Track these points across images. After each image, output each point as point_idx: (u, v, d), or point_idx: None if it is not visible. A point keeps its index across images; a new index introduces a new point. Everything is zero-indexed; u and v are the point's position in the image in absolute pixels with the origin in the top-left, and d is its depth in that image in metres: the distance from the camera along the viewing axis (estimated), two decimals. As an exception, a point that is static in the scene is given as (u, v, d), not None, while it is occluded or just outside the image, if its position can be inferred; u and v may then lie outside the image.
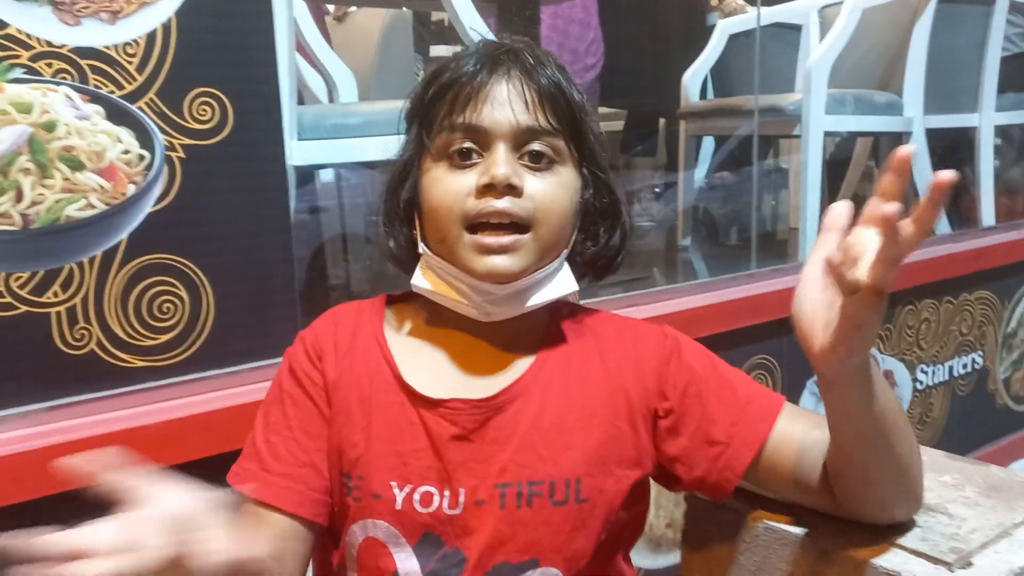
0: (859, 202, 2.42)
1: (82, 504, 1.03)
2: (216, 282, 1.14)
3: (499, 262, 0.69)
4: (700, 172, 2.77)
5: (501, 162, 0.69)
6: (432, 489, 0.70)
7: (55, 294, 1.04)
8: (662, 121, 3.11)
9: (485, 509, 0.70)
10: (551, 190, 0.71)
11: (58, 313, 1.04)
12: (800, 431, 0.72)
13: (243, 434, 1.11)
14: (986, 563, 0.63)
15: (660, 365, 0.76)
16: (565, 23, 2.82)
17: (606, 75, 3.23)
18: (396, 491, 0.70)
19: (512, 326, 0.74)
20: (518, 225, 0.70)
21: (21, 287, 1.02)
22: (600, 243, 0.77)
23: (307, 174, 1.86)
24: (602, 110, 3.32)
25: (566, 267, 0.76)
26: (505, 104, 0.70)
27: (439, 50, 3.44)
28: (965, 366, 2.24)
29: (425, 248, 0.74)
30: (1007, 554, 0.64)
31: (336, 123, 1.43)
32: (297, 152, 1.24)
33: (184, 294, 1.12)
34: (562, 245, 0.74)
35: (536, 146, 0.71)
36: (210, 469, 1.09)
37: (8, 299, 1.01)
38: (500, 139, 0.70)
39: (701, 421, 0.74)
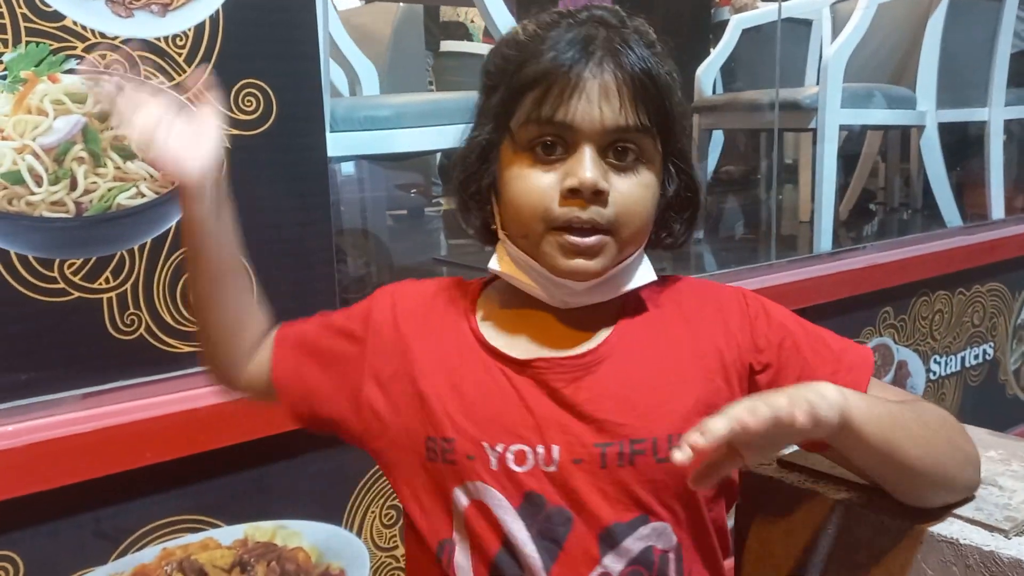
0: (867, 196, 2.45)
1: (133, 485, 1.06)
2: (259, 269, 1.16)
3: (582, 264, 0.69)
4: (710, 166, 2.80)
5: (588, 166, 0.67)
6: (525, 448, 0.70)
7: (107, 280, 1.06)
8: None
9: (585, 468, 0.70)
10: (634, 191, 0.70)
11: (109, 299, 1.07)
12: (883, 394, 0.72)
13: (284, 418, 1.14)
14: (1039, 531, 0.66)
15: (748, 322, 0.75)
16: None
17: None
18: (488, 451, 0.71)
19: (592, 305, 0.75)
20: (600, 227, 0.69)
21: (74, 273, 1.04)
22: (677, 233, 0.77)
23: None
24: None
25: (644, 258, 0.76)
26: (596, 102, 0.68)
27: (449, 45, 3.46)
28: (977, 357, 2.27)
29: (504, 238, 0.74)
30: (1057, 523, 0.67)
31: (368, 115, 1.45)
32: (330, 144, 1.26)
33: (229, 281, 1.14)
34: (641, 240, 0.73)
35: (625, 146, 0.69)
36: (254, 452, 1.13)
37: (62, 285, 1.04)
38: (588, 139, 0.68)
39: (802, 373, 0.73)
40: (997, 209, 2.46)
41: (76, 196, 1.03)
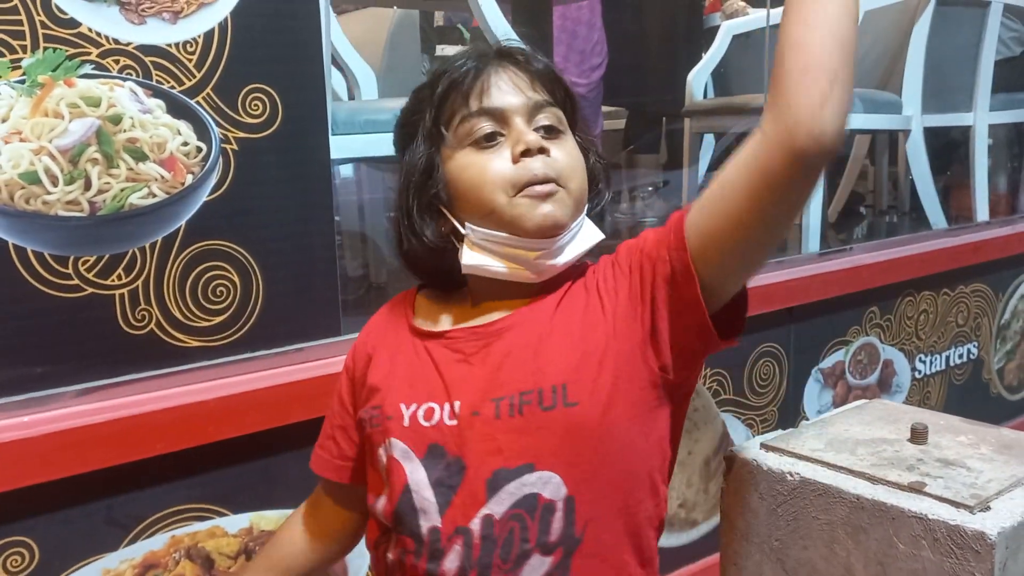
0: (855, 199, 2.50)
1: (144, 474, 1.10)
2: (265, 268, 1.21)
3: (550, 208, 0.78)
4: (701, 168, 2.84)
5: (527, 130, 0.79)
6: (434, 405, 0.80)
7: (119, 277, 1.10)
8: (664, 119, 3.18)
9: (481, 419, 0.78)
10: (570, 152, 0.81)
11: (121, 295, 1.11)
12: (704, 199, 0.75)
13: (289, 410, 1.19)
14: (1003, 507, 0.71)
15: (609, 263, 0.83)
16: (573, 24, 2.89)
17: (609, 74, 3.30)
18: (404, 409, 0.81)
19: (528, 288, 0.83)
20: (553, 178, 0.79)
21: (88, 270, 1.08)
22: (601, 199, 0.87)
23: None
24: (605, 108, 3.40)
25: (588, 220, 0.85)
26: (511, 88, 0.80)
27: (444, 49, 3.51)
28: (961, 356, 2.32)
29: (472, 228, 0.81)
30: (1021, 500, 0.72)
31: (368, 119, 1.49)
32: (332, 147, 1.30)
33: (236, 279, 1.19)
34: (583, 199, 0.83)
35: (546, 119, 0.81)
36: (260, 443, 1.17)
37: (76, 281, 1.08)
38: (516, 115, 0.80)
39: (650, 268, 0.78)
40: (982, 211, 2.51)
41: (90, 196, 1.07)
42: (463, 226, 0.81)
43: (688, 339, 0.78)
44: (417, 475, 0.78)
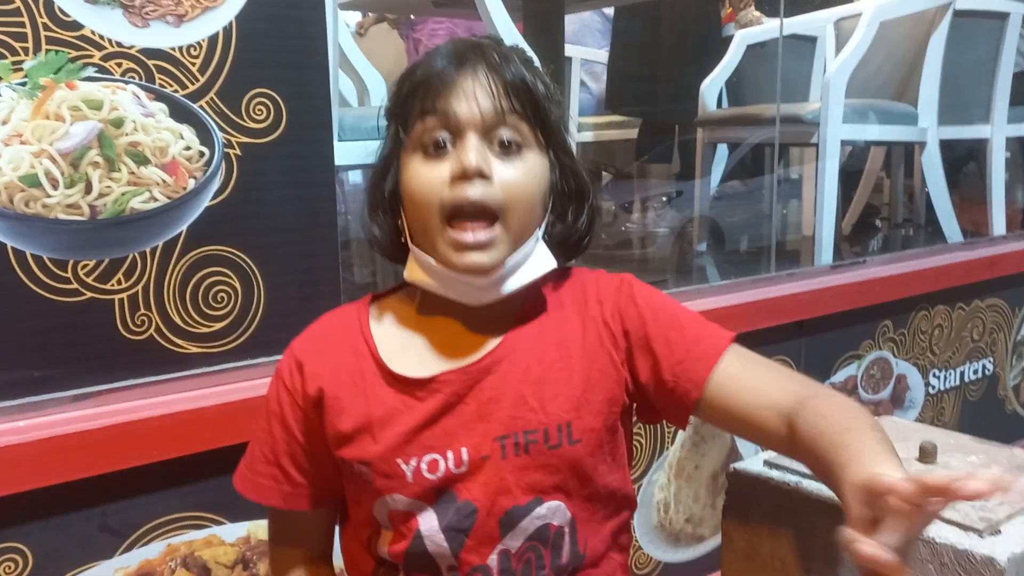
0: (870, 211, 2.47)
1: (140, 481, 1.09)
2: (267, 274, 1.20)
3: (476, 259, 0.74)
4: (714, 180, 2.82)
5: (471, 148, 0.74)
6: (436, 456, 0.77)
7: (119, 282, 1.09)
8: (676, 128, 3.17)
9: (490, 462, 0.76)
10: (519, 175, 0.76)
11: (121, 300, 1.10)
12: (747, 377, 0.78)
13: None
14: (1013, 531, 0.69)
15: (618, 310, 0.81)
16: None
17: (621, 83, 3.29)
18: (404, 467, 0.77)
19: (493, 304, 0.79)
20: (490, 212, 0.75)
21: (87, 274, 1.07)
22: (568, 223, 0.81)
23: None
24: (616, 118, 3.38)
25: (542, 245, 0.80)
26: (472, 94, 0.75)
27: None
28: (976, 372, 2.29)
29: (413, 246, 0.79)
30: (1031, 524, 0.69)
31: (375, 125, 1.48)
32: (338, 153, 1.29)
33: (237, 284, 1.18)
34: (534, 227, 0.78)
35: (504, 133, 0.75)
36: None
37: (75, 285, 1.07)
38: (469, 127, 0.74)
39: (653, 364, 0.80)
40: (999, 225, 2.48)
41: (91, 199, 1.07)
42: (410, 236, 0.79)
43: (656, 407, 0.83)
44: (428, 523, 0.77)
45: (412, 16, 2.97)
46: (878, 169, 3.05)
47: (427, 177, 0.75)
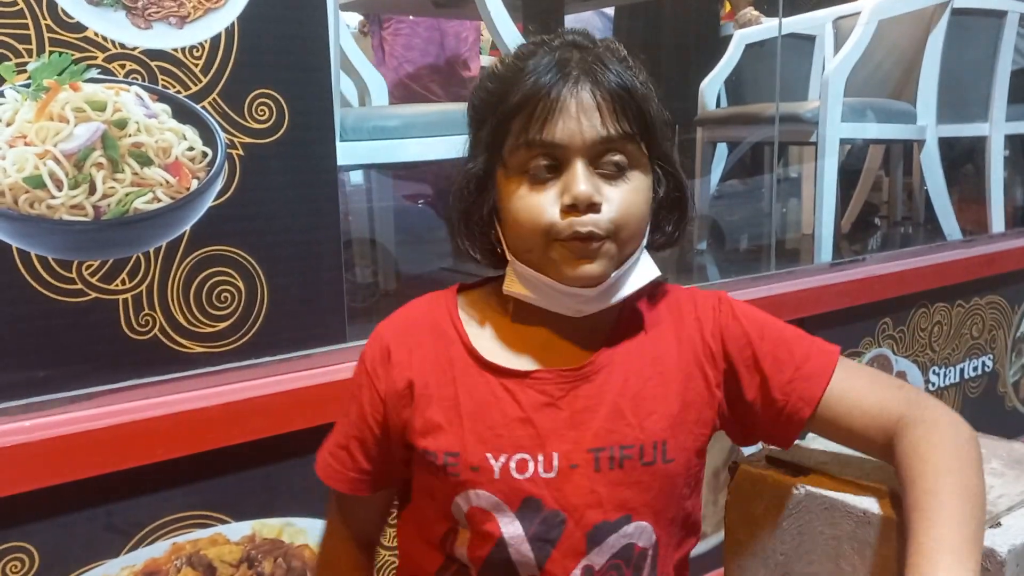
0: (869, 210, 2.47)
1: (145, 480, 1.09)
2: (270, 273, 1.20)
3: (587, 269, 0.73)
4: (714, 179, 2.83)
5: (581, 180, 0.72)
6: (526, 456, 0.75)
7: (123, 282, 1.10)
8: (676, 128, 3.17)
9: (580, 472, 0.75)
10: (627, 198, 0.74)
11: (125, 300, 1.10)
12: (856, 401, 0.77)
13: (293, 418, 1.18)
14: (1013, 523, 0.69)
15: (719, 330, 0.81)
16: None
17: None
18: (492, 462, 0.75)
19: (590, 316, 0.78)
20: (600, 235, 0.73)
21: (92, 275, 1.08)
22: (667, 233, 0.81)
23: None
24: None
25: (645, 255, 0.80)
26: (578, 118, 0.72)
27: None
28: (976, 369, 2.29)
29: (513, 258, 0.78)
30: (1031, 517, 0.70)
31: (376, 125, 1.49)
32: (340, 153, 1.30)
33: (240, 284, 1.18)
34: (639, 240, 0.77)
35: (612, 156, 0.73)
36: (263, 450, 1.16)
37: (80, 286, 1.07)
38: (577, 154, 0.72)
39: (761, 383, 0.79)
40: (997, 223, 2.48)
41: (95, 200, 1.07)
42: (508, 252, 0.78)
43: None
44: (512, 529, 0.76)
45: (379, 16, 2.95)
46: (877, 167, 3.06)
47: (534, 203, 0.73)
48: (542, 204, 0.73)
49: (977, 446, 0.73)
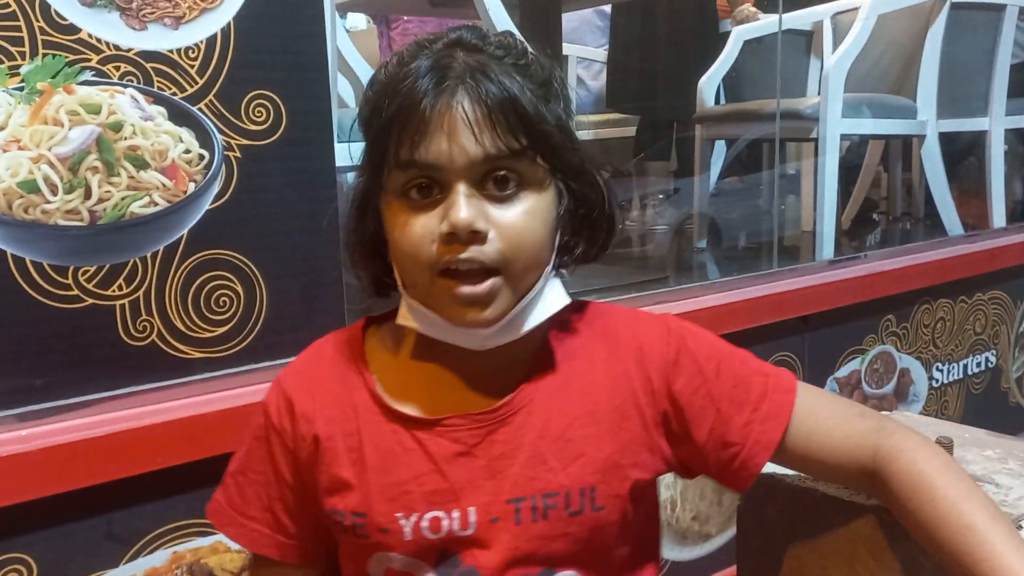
0: (869, 205, 2.48)
1: (145, 489, 1.08)
2: (269, 277, 1.19)
3: (476, 315, 0.66)
4: (712, 177, 2.82)
5: (461, 205, 0.63)
6: (440, 514, 0.68)
7: (120, 287, 1.08)
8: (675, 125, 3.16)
9: (500, 526, 0.68)
10: (520, 221, 0.66)
11: (122, 306, 1.09)
12: (821, 430, 0.72)
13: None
14: (1035, 526, 0.68)
15: (666, 366, 0.72)
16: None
17: (619, 80, 3.28)
18: (403, 522, 0.68)
19: (502, 348, 0.70)
20: (489, 268, 0.65)
21: (88, 280, 1.06)
22: (583, 247, 0.72)
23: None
24: (614, 115, 3.38)
25: (552, 282, 0.72)
26: (456, 135, 0.63)
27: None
28: (979, 365, 2.28)
29: (403, 290, 0.71)
30: (1052, 518, 0.69)
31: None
32: (338, 153, 1.28)
33: (239, 288, 1.16)
34: (541, 268, 0.69)
35: (499, 175, 0.65)
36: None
37: (76, 292, 1.06)
38: (457, 176, 0.64)
39: (715, 424, 0.72)
40: (999, 218, 2.47)
41: (90, 205, 1.05)
42: (399, 282, 0.71)
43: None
44: None
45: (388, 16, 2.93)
46: (876, 163, 3.05)
47: (414, 232, 0.65)
48: (421, 232, 0.65)
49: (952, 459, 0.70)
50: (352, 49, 1.99)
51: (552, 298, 0.71)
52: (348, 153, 1.47)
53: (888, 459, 0.68)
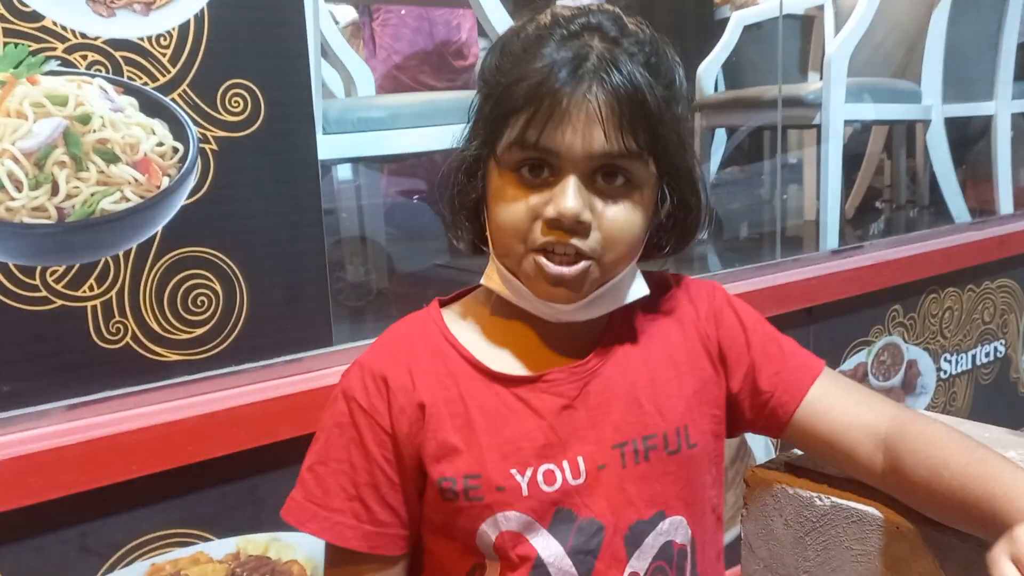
0: (873, 193, 2.42)
1: (120, 498, 1.03)
2: (249, 275, 1.14)
3: (561, 293, 0.68)
4: (713, 166, 2.76)
5: (571, 196, 0.65)
6: (552, 466, 0.70)
7: (90, 288, 1.03)
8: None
9: (608, 472, 0.70)
10: (620, 217, 0.68)
11: (94, 307, 1.04)
12: (842, 399, 0.74)
13: (278, 427, 1.11)
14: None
15: (712, 314, 0.78)
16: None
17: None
18: (519, 478, 0.69)
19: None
20: (583, 254, 0.68)
21: (57, 281, 1.01)
22: (663, 250, 0.76)
23: (324, 170, 1.86)
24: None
25: (634, 272, 0.74)
26: (582, 128, 0.65)
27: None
28: (988, 355, 2.23)
29: (493, 255, 0.73)
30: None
31: (361, 116, 1.42)
32: (323, 146, 1.23)
33: (218, 287, 1.11)
34: (632, 259, 0.72)
35: (612, 172, 0.67)
36: (246, 462, 1.10)
37: (44, 293, 1.01)
38: (573, 165, 0.66)
39: (749, 369, 0.77)
40: (1006, 204, 2.42)
41: (58, 201, 1.00)
42: (491, 246, 0.73)
43: None
44: (549, 548, 0.69)
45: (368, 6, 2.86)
46: (879, 150, 2.99)
47: (519, 209, 0.67)
48: (526, 209, 0.67)
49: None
50: (341, 40, 1.93)
51: (633, 288, 0.74)
52: (335, 145, 1.42)
53: (902, 430, 0.70)
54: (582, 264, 0.67)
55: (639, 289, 0.74)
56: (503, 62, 0.70)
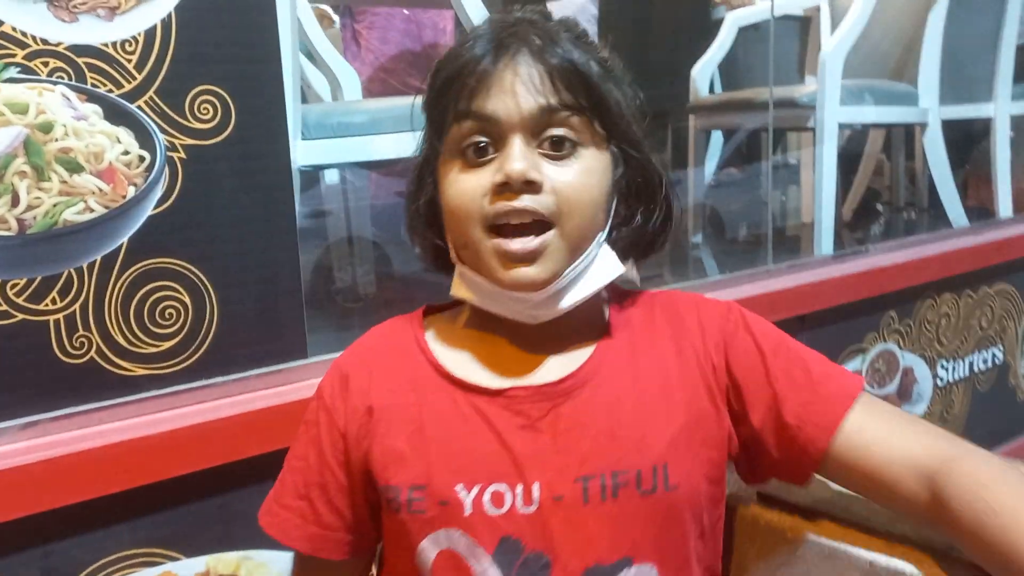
0: (872, 196, 2.37)
1: (81, 518, 1.00)
2: (220, 286, 1.11)
3: (526, 272, 0.65)
4: (709, 168, 2.73)
5: (516, 156, 0.64)
6: (502, 487, 0.65)
7: (53, 301, 1.00)
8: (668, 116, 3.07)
9: (565, 505, 0.65)
10: (575, 178, 0.66)
11: (56, 321, 1.01)
12: (883, 431, 0.66)
13: (249, 442, 1.08)
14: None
15: (723, 340, 0.71)
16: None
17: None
18: (463, 494, 0.65)
19: (568, 316, 0.69)
20: (543, 222, 0.65)
21: (17, 295, 0.98)
22: (637, 224, 0.71)
23: (311, 176, 1.83)
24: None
25: (606, 250, 0.70)
26: (513, 91, 0.65)
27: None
28: (985, 361, 2.19)
29: (456, 258, 0.71)
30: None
31: (341, 121, 1.39)
32: (302, 152, 1.20)
33: (187, 299, 1.08)
34: (595, 232, 0.69)
35: (555, 131, 0.66)
36: (216, 479, 1.07)
37: (4, 307, 0.98)
38: (513, 129, 0.65)
39: (771, 402, 0.68)
40: (1005, 208, 2.38)
41: (18, 213, 0.97)
42: (452, 250, 0.71)
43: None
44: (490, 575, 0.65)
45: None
46: (878, 152, 2.96)
47: (467, 187, 0.66)
48: (474, 187, 0.66)
49: None
50: (324, 39, 1.90)
51: (604, 267, 0.70)
52: (313, 152, 1.39)
53: (952, 468, 0.61)
54: (542, 237, 0.65)
55: (611, 269, 0.70)
56: (433, 74, 0.71)
